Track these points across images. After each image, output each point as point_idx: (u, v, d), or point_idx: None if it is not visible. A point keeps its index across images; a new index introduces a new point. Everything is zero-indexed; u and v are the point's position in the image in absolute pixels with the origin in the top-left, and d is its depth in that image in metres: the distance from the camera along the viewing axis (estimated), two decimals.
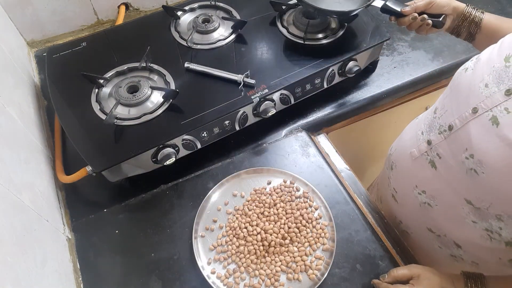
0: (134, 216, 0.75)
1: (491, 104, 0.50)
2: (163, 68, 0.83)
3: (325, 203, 0.73)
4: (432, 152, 0.61)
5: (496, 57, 0.53)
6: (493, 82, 0.51)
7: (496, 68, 0.52)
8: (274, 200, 0.74)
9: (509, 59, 0.51)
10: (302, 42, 0.87)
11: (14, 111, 0.70)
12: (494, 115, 0.49)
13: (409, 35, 1.05)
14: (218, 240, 0.70)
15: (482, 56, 0.57)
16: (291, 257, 0.67)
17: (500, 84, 0.50)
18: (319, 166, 0.81)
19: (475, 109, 0.52)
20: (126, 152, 0.70)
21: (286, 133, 0.86)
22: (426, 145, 0.62)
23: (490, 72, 0.52)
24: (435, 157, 0.60)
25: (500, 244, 0.58)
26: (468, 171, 0.53)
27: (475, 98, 0.53)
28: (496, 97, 0.49)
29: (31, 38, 1.03)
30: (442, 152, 0.59)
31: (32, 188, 0.66)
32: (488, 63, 0.54)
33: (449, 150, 0.57)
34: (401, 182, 0.72)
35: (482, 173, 0.50)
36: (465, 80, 0.57)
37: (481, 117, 0.51)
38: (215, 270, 0.67)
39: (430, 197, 0.64)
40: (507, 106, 0.48)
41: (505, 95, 0.49)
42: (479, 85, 0.53)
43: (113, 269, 0.69)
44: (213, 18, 0.91)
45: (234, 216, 0.73)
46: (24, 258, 0.54)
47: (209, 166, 0.81)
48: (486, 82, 0.52)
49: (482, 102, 0.51)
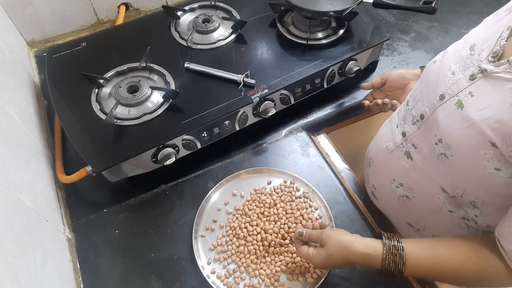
0: (134, 216, 0.75)
1: (456, 89, 0.52)
2: (163, 68, 0.83)
3: (325, 203, 0.73)
4: (407, 143, 0.62)
5: (462, 48, 0.55)
6: (459, 69, 0.53)
7: (462, 57, 0.54)
8: (274, 200, 0.74)
9: (474, 48, 0.53)
10: (302, 42, 0.87)
11: (14, 111, 0.70)
12: (459, 99, 0.51)
13: (409, 35, 1.05)
14: (218, 240, 0.70)
15: (449, 49, 0.59)
16: (291, 257, 0.67)
17: (465, 71, 0.52)
18: (319, 166, 0.81)
19: (442, 96, 0.54)
20: (126, 152, 0.70)
21: (286, 133, 0.86)
22: (401, 137, 0.63)
23: (457, 61, 0.54)
24: (411, 147, 0.61)
25: (477, 232, 0.59)
26: (439, 157, 0.54)
27: (443, 85, 0.54)
28: (462, 82, 0.51)
29: (31, 38, 1.03)
30: (416, 141, 0.60)
31: (32, 188, 0.66)
32: (454, 53, 0.56)
33: (423, 139, 0.58)
34: (379, 177, 0.72)
35: (451, 156, 0.51)
36: (433, 70, 0.58)
37: (448, 102, 0.53)
38: (215, 270, 0.67)
39: (407, 189, 0.64)
40: (471, 90, 0.50)
41: (470, 79, 0.50)
42: (446, 73, 0.55)
43: (113, 269, 0.69)
44: (213, 18, 0.91)
45: (234, 216, 0.73)
46: (24, 258, 0.54)
47: (209, 166, 0.81)
48: (453, 70, 0.54)
49: (449, 89, 0.53)
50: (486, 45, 0.51)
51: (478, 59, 0.51)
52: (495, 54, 0.48)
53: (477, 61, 0.51)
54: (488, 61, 0.49)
